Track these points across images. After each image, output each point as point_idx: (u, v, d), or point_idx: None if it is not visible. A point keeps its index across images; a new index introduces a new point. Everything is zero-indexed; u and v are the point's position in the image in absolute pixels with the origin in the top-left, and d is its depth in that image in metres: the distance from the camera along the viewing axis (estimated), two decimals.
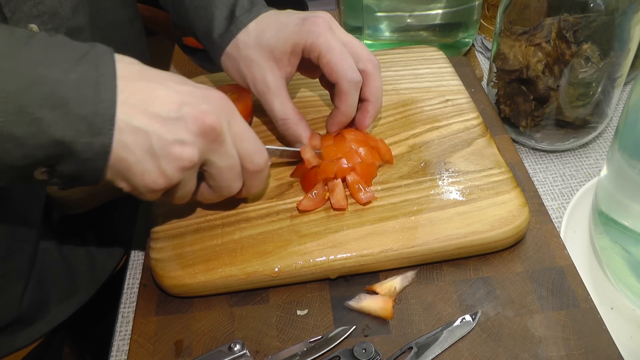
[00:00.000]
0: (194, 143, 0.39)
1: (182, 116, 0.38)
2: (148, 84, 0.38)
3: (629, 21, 0.54)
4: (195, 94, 0.40)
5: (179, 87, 0.40)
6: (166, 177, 0.39)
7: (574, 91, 0.58)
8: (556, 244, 0.50)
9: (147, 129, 0.37)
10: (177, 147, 0.38)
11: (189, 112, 0.39)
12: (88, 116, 0.35)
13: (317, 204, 0.51)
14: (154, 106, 0.38)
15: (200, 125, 0.39)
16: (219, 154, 0.41)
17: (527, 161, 0.64)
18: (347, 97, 0.51)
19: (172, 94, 0.39)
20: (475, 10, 0.75)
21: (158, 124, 0.38)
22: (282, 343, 0.44)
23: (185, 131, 0.38)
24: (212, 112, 0.40)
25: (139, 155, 0.38)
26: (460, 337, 0.44)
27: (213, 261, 0.48)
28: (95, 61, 0.36)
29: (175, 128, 0.38)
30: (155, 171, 0.39)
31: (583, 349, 0.43)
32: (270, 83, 0.52)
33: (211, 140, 0.40)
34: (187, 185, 0.42)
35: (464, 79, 0.67)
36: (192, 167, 0.40)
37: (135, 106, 0.37)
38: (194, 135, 0.39)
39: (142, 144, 0.37)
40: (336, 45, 0.50)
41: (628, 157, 0.46)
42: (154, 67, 0.41)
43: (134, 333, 0.46)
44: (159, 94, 0.38)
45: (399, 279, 0.48)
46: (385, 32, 0.78)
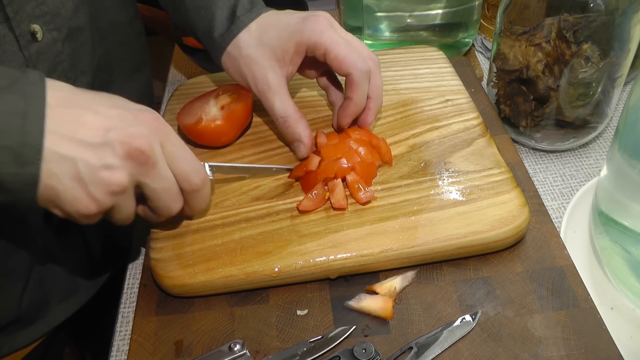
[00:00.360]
0: (123, 167, 0.39)
1: (108, 141, 0.38)
2: (76, 110, 0.38)
3: (629, 21, 0.54)
4: (125, 117, 0.39)
5: (108, 111, 0.39)
6: (97, 202, 0.39)
7: (574, 91, 0.58)
8: (556, 244, 0.50)
9: (74, 156, 0.37)
10: (104, 172, 0.38)
11: (115, 136, 0.38)
12: (15, 147, 0.35)
13: (317, 204, 0.51)
14: (81, 133, 0.37)
15: (127, 149, 0.38)
16: (151, 176, 0.41)
17: (527, 161, 0.64)
18: (360, 87, 0.52)
19: (100, 119, 0.38)
20: (475, 10, 0.75)
21: (84, 151, 0.37)
22: (282, 343, 0.44)
23: (113, 156, 0.38)
24: (140, 135, 0.39)
25: (66, 183, 0.37)
26: (460, 337, 0.44)
27: (213, 261, 0.48)
28: (24, 91, 0.36)
29: (102, 153, 0.38)
30: (86, 197, 0.38)
31: (583, 349, 0.43)
32: (271, 82, 0.52)
33: (140, 163, 0.39)
34: (125, 208, 0.41)
35: (464, 79, 0.67)
36: (122, 191, 0.39)
37: (62, 134, 0.37)
38: (122, 159, 0.38)
39: (70, 171, 0.37)
40: (340, 40, 0.50)
41: (628, 157, 0.46)
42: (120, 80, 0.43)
43: (134, 333, 0.46)
44: (86, 120, 0.38)
45: (399, 279, 0.48)
46: (385, 32, 0.78)
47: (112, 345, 0.49)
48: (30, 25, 0.47)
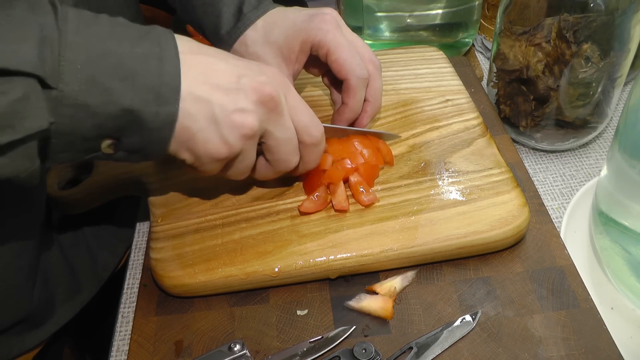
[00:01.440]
0: (254, 111, 0.40)
1: (241, 87, 0.40)
2: (207, 58, 0.40)
3: (629, 21, 0.54)
4: (252, 67, 0.42)
5: (237, 61, 0.41)
6: (228, 145, 0.41)
7: (574, 91, 0.58)
8: (556, 244, 0.50)
9: (209, 98, 0.39)
10: (238, 116, 0.40)
11: (247, 82, 0.40)
12: (155, 87, 0.36)
13: (319, 206, 0.50)
14: (215, 78, 0.39)
15: (260, 94, 0.40)
16: (278, 124, 0.42)
17: (527, 161, 0.64)
18: (356, 93, 0.52)
19: (231, 67, 0.41)
20: (475, 10, 0.75)
21: (219, 94, 0.39)
22: (282, 343, 0.44)
23: (245, 100, 0.40)
24: (269, 83, 0.41)
25: (202, 123, 0.39)
26: (460, 337, 0.44)
27: (213, 261, 0.48)
28: (157, 39, 0.38)
29: (236, 97, 0.40)
30: (218, 139, 0.40)
31: (583, 349, 0.43)
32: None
33: (270, 109, 0.41)
34: (247, 157, 0.43)
35: (464, 79, 0.67)
36: (252, 135, 0.41)
37: (197, 78, 0.39)
38: (254, 104, 0.40)
39: (205, 112, 0.39)
40: (344, 43, 0.50)
41: (628, 157, 0.46)
42: None
43: (134, 333, 0.46)
44: (219, 67, 0.40)
45: (399, 279, 0.48)
46: (385, 32, 0.78)
47: (112, 345, 0.49)
48: None
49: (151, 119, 0.37)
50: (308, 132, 0.45)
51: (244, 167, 0.44)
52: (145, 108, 0.37)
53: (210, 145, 0.40)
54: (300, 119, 0.44)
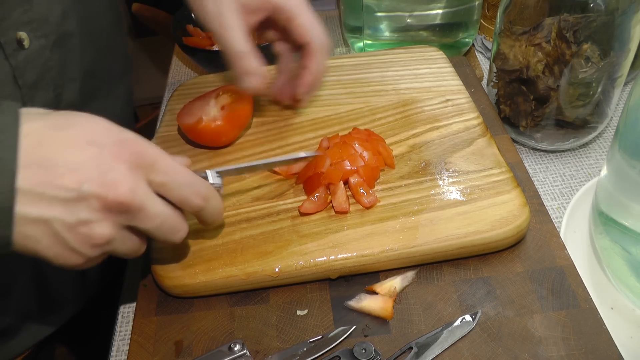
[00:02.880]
0: (102, 219, 0.36)
1: (82, 195, 0.35)
2: (46, 162, 0.35)
3: (629, 21, 0.54)
4: (101, 160, 0.36)
5: (83, 156, 0.35)
6: (82, 255, 0.37)
7: (574, 91, 0.58)
8: (556, 244, 0.50)
9: (47, 217, 0.35)
10: (82, 228, 0.35)
11: (90, 189, 0.35)
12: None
13: (319, 207, 0.51)
14: (53, 188, 0.34)
15: (104, 202, 0.35)
16: (140, 219, 0.37)
17: (527, 161, 0.64)
18: (318, 57, 0.54)
19: (71, 171, 0.35)
20: (475, 10, 0.75)
21: (58, 208, 0.35)
22: (282, 343, 0.44)
23: (88, 210, 0.35)
24: (118, 182, 0.35)
25: (45, 242, 0.35)
26: (460, 337, 0.44)
27: (213, 261, 0.48)
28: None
29: (76, 209, 0.35)
30: (69, 253, 0.36)
31: (583, 349, 0.43)
32: (232, 18, 0.51)
33: (122, 212, 0.36)
34: (124, 246, 0.39)
35: (464, 79, 0.67)
36: (107, 241, 0.37)
37: (34, 194, 0.34)
38: (100, 212, 0.36)
39: (46, 231, 0.35)
40: (306, 9, 0.52)
41: (628, 157, 0.46)
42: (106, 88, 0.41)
43: (134, 333, 0.46)
44: (58, 174, 0.35)
45: (399, 279, 0.48)
46: (385, 32, 0.78)
47: (112, 345, 0.49)
48: (17, 33, 0.45)
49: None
50: (188, 203, 0.40)
51: (129, 251, 0.39)
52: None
53: (63, 259, 0.36)
54: (173, 194, 0.39)
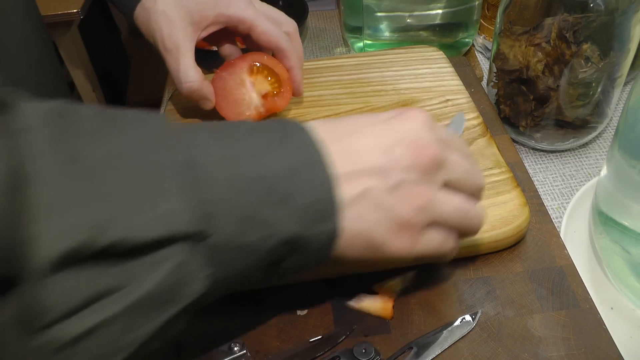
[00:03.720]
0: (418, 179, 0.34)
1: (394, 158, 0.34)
2: (348, 140, 0.34)
3: (629, 21, 0.54)
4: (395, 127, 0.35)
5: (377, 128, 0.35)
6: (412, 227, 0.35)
7: (574, 91, 0.58)
8: (556, 244, 0.50)
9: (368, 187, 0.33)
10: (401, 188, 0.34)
11: (401, 152, 0.34)
12: (313, 204, 0.31)
13: None
14: (366, 161, 0.34)
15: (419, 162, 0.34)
16: (449, 169, 0.36)
17: (527, 161, 0.64)
18: (292, 52, 0.54)
19: (376, 139, 0.35)
20: (475, 10, 0.75)
21: (373, 178, 0.34)
22: (282, 343, 0.44)
23: (400, 171, 0.34)
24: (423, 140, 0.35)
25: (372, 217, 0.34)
26: (460, 337, 0.44)
27: None
28: (297, 140, 0.33)
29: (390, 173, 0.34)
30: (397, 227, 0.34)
31: (583, 349, 0.43)
32: (181, 43, 0.51)
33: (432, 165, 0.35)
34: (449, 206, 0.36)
35: (464, 79, 0.67)
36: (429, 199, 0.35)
37: (349, 171, 0.33)
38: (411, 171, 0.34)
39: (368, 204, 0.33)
40: (262, 16, 0.52)
41: (628, 157, 0.46)
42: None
43: None
44: (364, 146, 0.34)
45: (399, 279, 0.48)
46: (385, 32, 0.78)
47: None
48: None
49: (315, 240, 0.32)
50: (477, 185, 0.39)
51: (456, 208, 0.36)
52: (307, 231, 0.31)
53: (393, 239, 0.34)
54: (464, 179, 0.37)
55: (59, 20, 1.25)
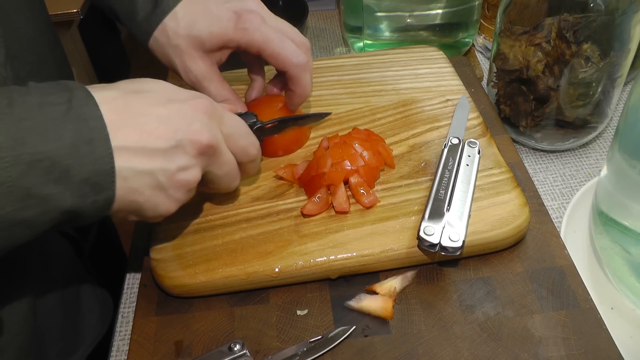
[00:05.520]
0: (196, 164, 0.40)
1: (178, 143, 0.39)
2: (137, 119, 0.37)
3: (629, 21, 0.54)
4: (185, 112, 0.40)
5: (167, 111, 0.39)
6: (177, 201, 0.41)
7: (574, 91, 0.58)
8: (556, 244, 0.50)
9: (150, 169, 0.38)
10: (182, 174, 0.39)
11: (184, 136, 0.39)
12: (91, 177, 0.35)
13: (321, 208, 0.50)
14: (150, 141, 0.37)
15: (198, 147, 0.40)
16: (217, 164, 0.43)
17: (527, 161, 0.64)
18: (300, 80, 0.53)
19: (163, 123, 0.38)
20: (475, 10, 0.75)
21: (159, 160, 0.38)
22: (282, 343, 0.44)
23: (185, 157, 0.39)
24: (204, 129, 0.40)
25: (147, 194, 0.39)
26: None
27: (213, 261, 0.48)
28: (81, 113, 0.35)
29: (176, 157, 0.39)
30: (166, 201, 0.40)
31: (583, 349, 0.43)
32: (203, 71, 0.52)
33: (209, 155, 0.41)
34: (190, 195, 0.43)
35: (464, 79, 0.67)
36: (196, 184, 0.41)
37: (132, 148, 0.37)
38: (194, 157, 0.40)
39: (149, 182, 0.38)
40: (273, 36, 0.51)
41: (628, 157, 0.46)
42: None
43: (134, 333, 0.46)
44: (151, 127, 0.38)
45: (399, 279, 0.48)
46: (385, 32, 0.78)
47: (112, 345, 0.49)
48: None
49: (90, 209, 0.36)
50: (246, 153, 0.45)
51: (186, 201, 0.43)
52: (84, 201, 0.35)
53: (159, 208, 0.40)
54: (237, 145, 0.44)
55: (59, 20, 1.25)
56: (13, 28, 0.50)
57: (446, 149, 0.54)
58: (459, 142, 0.55)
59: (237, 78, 0.63)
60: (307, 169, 0.53)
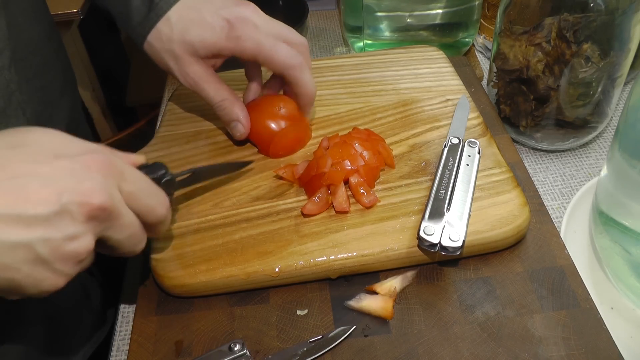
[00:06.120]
0: (86, 231, 0.34)
1: (64, 208, 0.33)
2: (12, 181, 0.32)
3: (629, 21, 0.54)
4: (74, 170, 0.34)
5: (53, 168, 0.34)
6: (65, 276, 0.35)
7: (574, 91, 0.58)
8: (556, 243, 0.50)
9: (28, 240, 0.32)
10: (69, 245, 0.34)
11: (70, 199, 0.33)
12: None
13: (321, 208, 0.50)
14: (27, 208, 0.32)
15: (88, 210, 0.34)
16: (115, 228, 0.37)
17: (527, 161, 0.64)
18: (299, 80, 0.52)
19: (46, 185, 0.33)
20: (475, 10, 0.75)
21: (39, 228, 0.32)
22: (282, 343, 0.44)
23: (73, 223, 0.34)
24: (96, 188, 0.34)
25: (26, 269, 0.33)
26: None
27: (213, 261, 0.48)
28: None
29: (60, 224, 0.33)
30: (51, 276, 0.34)
31: (583, 349, 0.43)
32: (200, 73, 0.52)
33: (103, 219, 0.35)
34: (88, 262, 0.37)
35: (464, 78, 0.67)
36: (89, 255, 0.36)
37: (6, 217, 0.32)
38: (83, 223, 0.34)
39: (27, 257, 0.33)
40: (266, 41, 0.50)
41: (628, 157, 0.46)
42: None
43: (134, 333, 0.46)
44: (31, 190, 0.32)
45: (399, 279, 0.48)
46: (385, 32, 0.78)
47: (112, 345, 0.49)
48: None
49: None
50: (153, 213, 0.40)
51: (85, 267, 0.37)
52: None
53: (43, 284, 0.34)
54: (141, 204, 0.38)
55: (59, 20, 1.25)
56: (18, 31, 0.50)
57: (446, 149, 0.54)
58: (459, 142, 0.55)
59: (235, 78, 0.62)
60: (307, 168, 0.53)
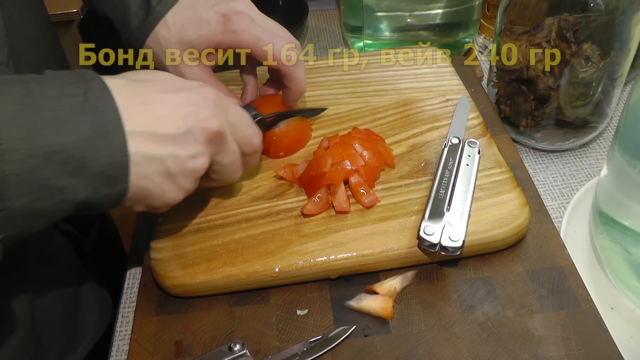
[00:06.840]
0: (205, 152, 0.41)
1: (188, 130, 0.39)
2: (148, 105, 0.38)
3: (629, 21, 0.54)
4: (194, 100, 0.40)
5: (177, 98, 0.40)
6: (185, 190, 0.41)
7: (574, 91, 0.58)
8: (556, 244, 0.50)
9: (161, 155, 0.38)
10: (191, 162, 0.40)
11: (194, 123, 0.39)
12: (106, 170, 0.35)
13: (321, 208, 0.50)
14: (161, 127, 0.38)
15: (208, 133, 0.40)
16: (224, 153, 0.43)
17: (527, 161, 0.64)
18: (293, 76, 0.53)
19: (174, 109, 0.39)
20: (475, 10, 0.75)
21: (169, 146, 0.38)
22: (282, 343, 0.44)
23: (195, 144, 0.40)
24: (213, 116, 0.41)
25: (157, 181, 0.39)
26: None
27: (213, 261, 0.48)
28: (97, 105, 0.35)
29: (186, 144, 0.39)
30: (174, 189, 0.40)
31: (583, 349, 0.43)
32: (198, 74, 0.53)
33: (217, 143, 0.41)
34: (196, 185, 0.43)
35: (464, 79, 0.67)
36: (203, 172, 0.42)
37: (144, 133, 0.37)
38: (204, 144, 0.40)
39: (159, 169, 0.38)
40: (263, 36, 0.51)
41: (628, 157, 0.46)
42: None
43: (134, 333, 0.46)
44: (162, 113, 0.38)
45: (399, 279, 0.48)
46: (385, 32, 0.78)
47: (112, 345, 0.49)
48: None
49: (103, 200, 0.37)
50: (250, 143, 0.46)
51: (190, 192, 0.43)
52: (98, 194, 0.36)
53: (167, 196, 0.40)
54: (241, 134, 0.45)
55: (59, 20, 1.25)
56: (15, 27, 0.50)
57: (446, 149, 0.54)
58: (459, 142, 0.55)
59: (234, 78, 0.62)
60: (307, 168, 0.53)
